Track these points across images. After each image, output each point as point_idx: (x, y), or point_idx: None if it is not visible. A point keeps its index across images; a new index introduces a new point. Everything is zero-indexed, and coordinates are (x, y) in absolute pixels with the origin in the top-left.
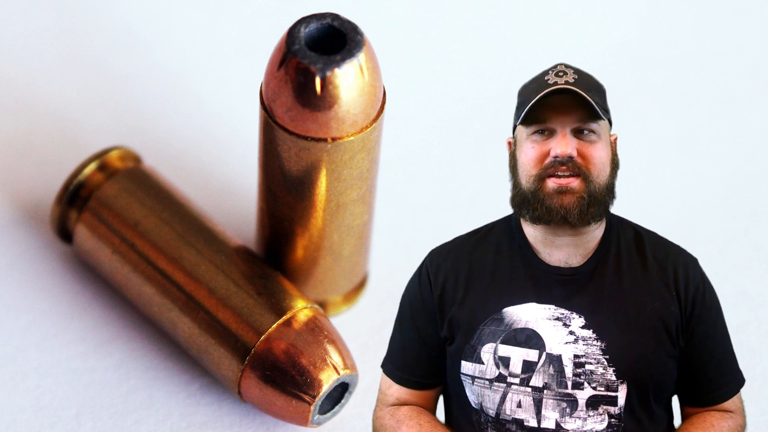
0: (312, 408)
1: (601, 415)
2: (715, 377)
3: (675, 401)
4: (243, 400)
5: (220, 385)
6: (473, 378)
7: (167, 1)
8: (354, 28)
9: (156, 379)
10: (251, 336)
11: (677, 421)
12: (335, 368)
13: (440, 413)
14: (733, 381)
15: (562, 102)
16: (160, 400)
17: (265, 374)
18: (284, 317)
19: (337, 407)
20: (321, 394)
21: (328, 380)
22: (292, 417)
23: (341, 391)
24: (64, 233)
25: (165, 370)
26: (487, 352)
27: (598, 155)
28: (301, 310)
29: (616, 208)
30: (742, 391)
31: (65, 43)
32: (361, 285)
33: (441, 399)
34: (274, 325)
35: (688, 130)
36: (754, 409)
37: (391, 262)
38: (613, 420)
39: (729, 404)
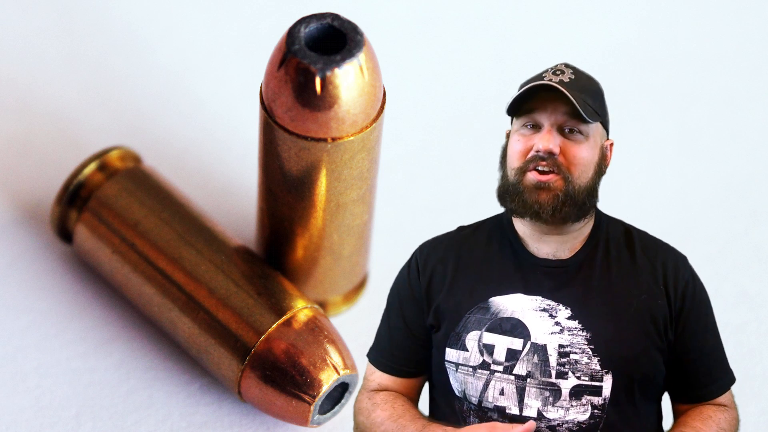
0: (312, 408)
1: (584, 405)
2: (707, 372)
3: (666, 405)
4: (243, 400)
5: (220, 385)
6: (457, 365)
7: (167, 1)
8: (354, 28)
9: (156, 379)
10: (251, 336)
11: (666, 423)
12: (335, 368)
13: (425, 404)
14: (726, 376)
15: (551, 99)
16: (160, 400)
17: (265, 374)
18: (284, 317)
19: (337, 407)
20: (321, 394)
21: (328, 380)
22: (292, 417)
23: (341, 391)
24: (64, 233)
25: (165, 370)
26: (471, 339)
27: (581, 156)
28: (301, 310)
29: (617, 208)
30: (740, 394)
31: (65, 43)
32: (361, 285)
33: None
34: (274, 325)
35: (688, 130)
36: (754, 409)
37: (391, 262)
38: (596, 411)
39: (722, 400)
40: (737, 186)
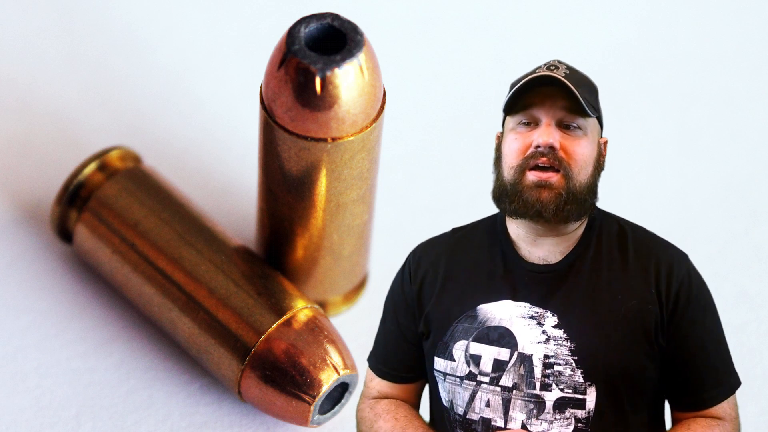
0: (312, 408)
1: (567, 419)
2: (703, 377)
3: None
4: (243, 400)
5: (220, 385)
6: (445, 375)
7: (167, 1)
8: (354, 28)
9: (156, 379)
10: (251, 336)
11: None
12: (335, 368)
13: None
14: (726, 383)
15: (549, 94)
16: (160, 400)
17: (265, 374)
18: (284, 317)
19: (337, 407)
20: (321, 394)
21: (328, 380)
22: (292, 417)
23: (341, 391)
24: (64, 233)
25: (165, 370)
26: (458, 349)
27: (581, 151)
28: (301, 310)
29: (617, 209)
30: (740, 394)
31: (65, 43)
32: (361, 285)
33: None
34: (274, 325)
35: (688, 130)
36: (754, 409)
37: (391, 262)
38: (580, 425)
39: (719, 411)
40: (737, 186)
